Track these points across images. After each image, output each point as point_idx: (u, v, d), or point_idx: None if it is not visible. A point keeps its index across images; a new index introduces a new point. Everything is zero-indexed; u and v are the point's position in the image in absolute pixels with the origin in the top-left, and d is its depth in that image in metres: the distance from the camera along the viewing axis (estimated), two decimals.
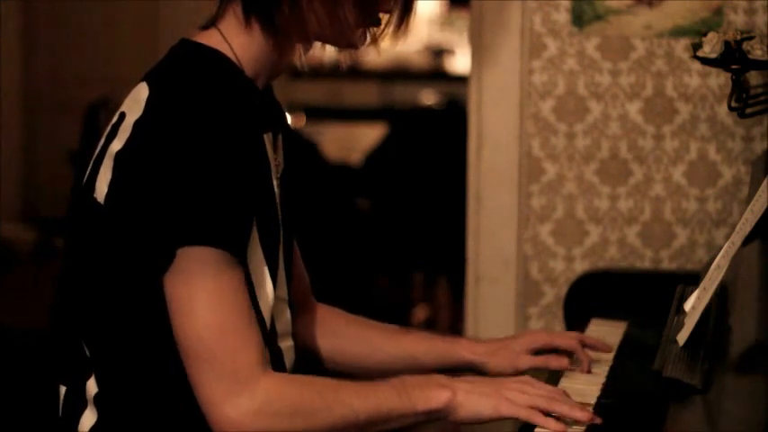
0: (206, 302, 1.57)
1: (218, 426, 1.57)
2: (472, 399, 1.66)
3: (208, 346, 1.57)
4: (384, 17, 1.72)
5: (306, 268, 1.96)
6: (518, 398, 1.66)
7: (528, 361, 1.89)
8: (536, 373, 1.89)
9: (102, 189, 1.63)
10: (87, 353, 1.68)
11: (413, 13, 1.74)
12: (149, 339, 1.64)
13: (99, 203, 1.63)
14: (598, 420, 1.66)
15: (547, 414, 1.65)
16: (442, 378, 1.69)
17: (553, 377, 1.87)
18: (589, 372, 1.89)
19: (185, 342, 1.58)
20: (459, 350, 1.91)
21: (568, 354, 1.93)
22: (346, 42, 1.71)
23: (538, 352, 1.92)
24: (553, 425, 1.64)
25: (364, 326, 1.94)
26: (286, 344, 1.78)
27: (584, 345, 1.94)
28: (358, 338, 1.93)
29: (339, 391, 1.62)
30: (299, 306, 1.88)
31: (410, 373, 1.87)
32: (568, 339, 1.94)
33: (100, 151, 1.67)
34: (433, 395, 1.65)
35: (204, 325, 1.57)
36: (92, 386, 1.68)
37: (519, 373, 1.87)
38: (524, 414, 1.65)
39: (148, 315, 1.63)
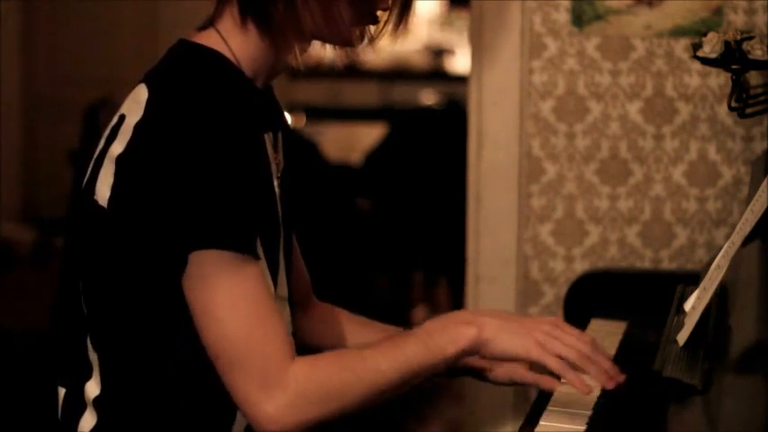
0: (226, 304, 1.57)
1: (259, 425, 1.57)
2: (502, 336, 1.65)
3: (235, 348, 1.57)
4: (382, 15, 1.72)
5: (306, 267, 1.96)
6: (550, 343, 1.66)
7: (524, 374, 1.86)
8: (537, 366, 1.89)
9: (103, 192, 1.63)
10: (90, 355, 1.67)
11: (412, 12, 1.73)
12: (154, 342, 1.64)
13: (101, 206, 1.63)
14: (622, 378, 1.65)
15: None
16: (465, 314, 1.68)
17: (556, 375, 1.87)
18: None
19: (213, 346, 1.58)
20: None
21: None
22: (342, 40, 1.70)
23: None
24: (580, 384, 1.63)
25: (365, 326, 1.94)
26: None
27: None
28: (357, 338, 1.93)
29: (366, 358, 1.61)
30: (299, 304, 1.88)
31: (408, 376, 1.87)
32: None
33: (99, 153, 1.67)
34: (459, 335, 1.64)
35: (228, 327, 1.57)
36: (91, 388, 1.68)
37: (515, 383, 1.84)
38: (554, 364, 1.64)
39: (155, 318, 1.63)
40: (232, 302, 1.57)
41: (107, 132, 1.68)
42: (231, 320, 1.57)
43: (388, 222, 5.21)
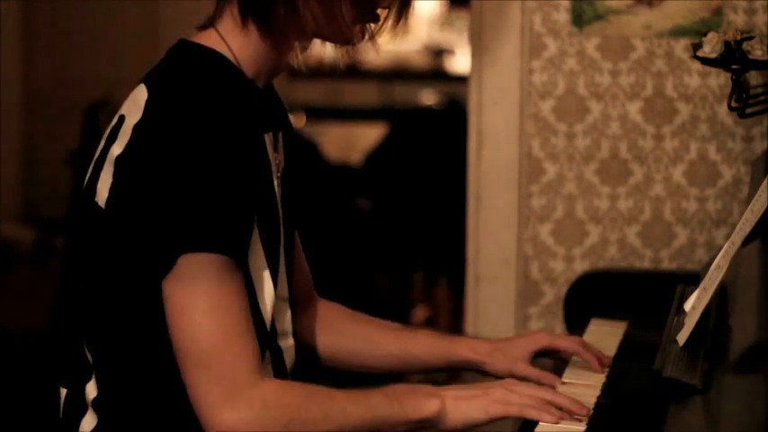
0: (206, 308, 1.57)
1: (213, 430, 1.57)
2: (460, 404, 1.67)
3: (206, 352, 1.57)
4: (382, 13, 1.72)
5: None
6: (507, 396, 1.67)
7: (524, 368, 1.88)
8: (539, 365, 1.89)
9: (102, 193, 1.63)
10: (88, 356, 1.67)
11: (411, 9, 1.73)
12: (150, 343, 1.64)
13: (100, 207, 1.63)
14: (584, 412, 1.67)
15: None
16: (430, 387, 1.70)
17: (557, 373, 1.87)
18: (602, 371, 1.88)
19: (183, 346, 1.58)
20: (459, 349, 1.91)
21: (566, 358, 1.93)
22: (344, 39, 1.70)
23: (541, 353, 1.92)
24: (549, 417, 1.64)
25: (366, 323, 1.94)
26: (286, 343, 1.78)
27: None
28: (359, 336, 1.93)
29: (334, 399, 1.62)
30: (301, 302, 1.88)
31: (411, 371, 1.88)
32: (571, 342, 1.93)
33: (100, 154, 1.67)
34: (423, 404, 1.66)
35: (204, 331, 1.57)
36: (91, 389, 1.68)
37: (514, 377, 1.85)
38: (516, 410, 1.66)
39: (149, 319, 1.62)
40: (212, 308, 1.57)
41: (107, 133, 1.68)
42: (208, 326, 1.57)
43: (388, 222, 5.21)
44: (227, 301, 1.58)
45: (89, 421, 1.68)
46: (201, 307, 1.57)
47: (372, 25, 1.72)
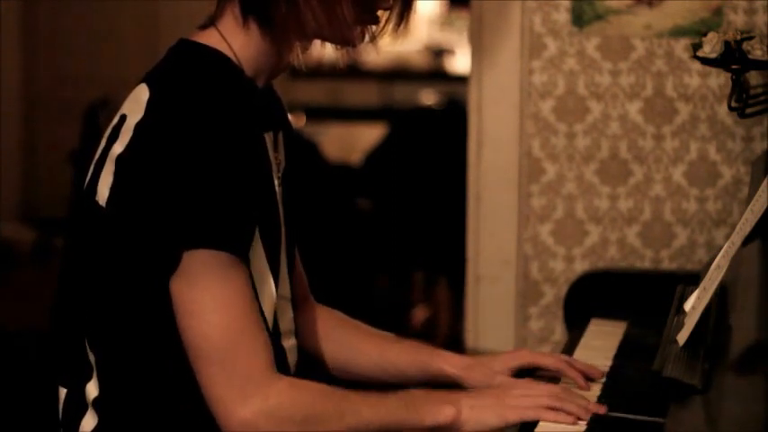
0: (214, 305, 1.57)
1: (229, 426, 1.57)
2: (476, 412, 1.67)
3: (218, 349, 1.57)
4: (383, 15, 1.72)
5: (306, 268, 1.95)
6: (522, 401, 1.67)
7: (503, 382, 1.84)
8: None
9: (103, 193, 1.63)
10: (89, 356, 1.67)
11: (412, 11, 1.73)
12: (152, 342, 1.64)
13: (101, 207, 1.63)
14: (602, 410, 1.68)
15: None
16: (446, 393, 1.70)
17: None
18: (588, 388, 1.83)
19: (194, 344, 1.58)
20: (439, 362, 1.88)
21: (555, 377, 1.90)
22: (344, 40, 1.70)
23: (522, 371, 1.87)
24: (563, 417, 1.64)
25: (352, 329, 1.93)
26: (289, 343, 1.78)
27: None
28: (346, 344, 1.92)
29: (349, 400, 1.63)
30: (297, 305, 1.88)
31: (390, 380, 1.87)
32: (555, 360, 1.88)
33: (101, 154, 1.67)
34: (439, 410, 1.66)
35: (214, 328, 1.57)
36: (91, 389, 1.68)
37: None
38: (532, 414, 1.66)
39: (152, 318, 1.63)
40: (222, 305, 1.57)
41: (108, 132, 1.68)
42: (219, 323, 1.57)
43: (388, 222, 5.21)
44: (235, 297, 1.58)
45: (89, 421, 1.68)
46: (210, 305, 1.57)
47: (373, 27, 1.72)
